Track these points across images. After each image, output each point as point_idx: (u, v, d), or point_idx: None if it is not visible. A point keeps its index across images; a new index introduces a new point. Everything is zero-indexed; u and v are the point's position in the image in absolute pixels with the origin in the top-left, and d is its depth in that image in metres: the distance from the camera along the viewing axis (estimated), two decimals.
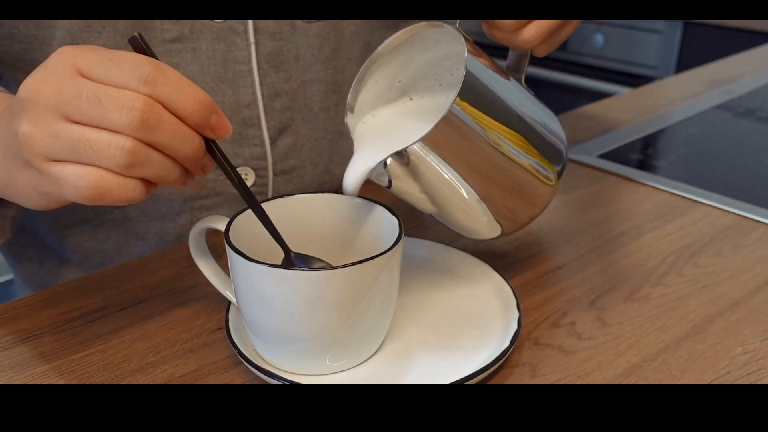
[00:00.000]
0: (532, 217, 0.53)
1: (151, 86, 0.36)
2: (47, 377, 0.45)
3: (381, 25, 0.67)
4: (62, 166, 0.37)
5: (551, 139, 0.51)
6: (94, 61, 0.37)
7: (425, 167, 0.45)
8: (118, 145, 0.36)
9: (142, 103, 0.36)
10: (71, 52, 0.38)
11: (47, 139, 0.37)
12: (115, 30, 0.56)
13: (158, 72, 0.36)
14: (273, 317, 0.42)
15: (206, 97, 0.38)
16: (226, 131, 0.39)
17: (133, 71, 0.36)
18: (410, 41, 0.48)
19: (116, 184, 0.37)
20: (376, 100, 0.50)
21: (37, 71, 0.38)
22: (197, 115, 0.37)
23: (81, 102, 0.36)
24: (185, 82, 0.37)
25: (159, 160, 0.38)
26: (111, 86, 0.36)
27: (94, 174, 0.37)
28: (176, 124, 0.37)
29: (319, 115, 0.65)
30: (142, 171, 0.38)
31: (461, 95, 0.43)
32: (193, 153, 0.38)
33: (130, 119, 0.36)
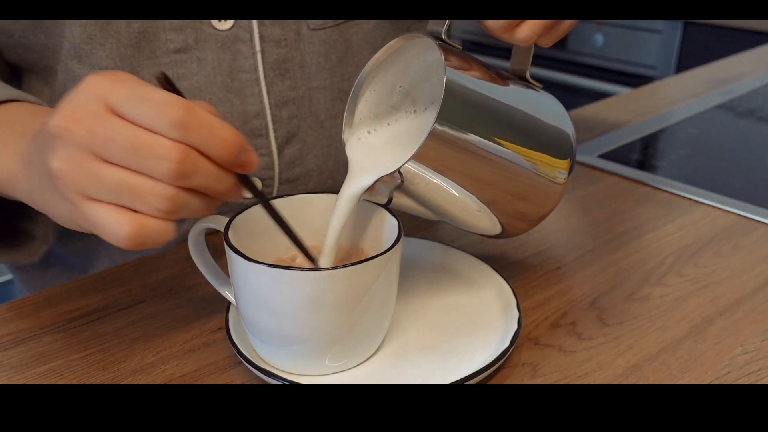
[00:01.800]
0: (542, 216, 0.51)
1: (183, 131, 0.36)
2: (47, 377, 0.45)
3: (391, 29, 0.67)
4: (100, 207, 0.37)
5: (556, 136, 0.49)
6: (125, 98, 0.36)
7: (423, 183, 0.44)
8: (160, 193, 0.36)
9: (178, 153, 0.36)
10: (100, 85, 0.37)
11: (84, 178, 0.37)
12: (118, 42, 0.55)
13: (190, 115, 0.36)
14: (272, 317, 0.42)
15: (236, 138, 0.38)
16: (254, 166, 0.40)
17: (165, 114, 0.36)
18: (402, 49, 0.47)
19: (155, 229, 0.37)
20: (378, 106, 0.49)
21: (66, 105, 0.37)
22: (229, 158, 0.38)
23: (116, 147, 0.36)
24: (216, 124, 0.37)
25: (196, 202, 0.38)
26: (144, 129, 0.36)
27: (135, 222, 0.37)
28: (210, 168, 0.37)
29: (325, 123, 0.65)
30: (180, 214, 0.38)
31: (443, 110, 0.42)
32: (226, 191, 0.39)
33: (167, 170, 0.36)
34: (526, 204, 0.49)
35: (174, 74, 0.58)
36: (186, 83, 0.58)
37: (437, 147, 0.43)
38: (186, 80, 0.58)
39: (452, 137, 0.43)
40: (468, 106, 0.44)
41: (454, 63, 0.44)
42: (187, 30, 0.57)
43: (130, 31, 0.55)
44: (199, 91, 0.58)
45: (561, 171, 0.50)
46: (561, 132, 0.50)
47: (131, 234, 0.37)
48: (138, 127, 0.36)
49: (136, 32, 0.56)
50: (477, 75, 0.45)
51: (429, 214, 0.48)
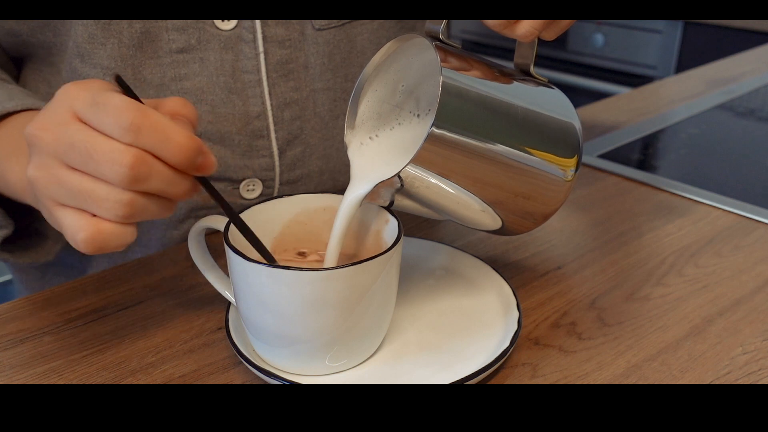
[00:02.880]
0: (548, 215, 0.51)
1: (135, 134, 0.36)
2: (47, 377, 0.45)
3: (396, 30, 0.67)
4: (65, 211, 0.38)
5: (562, 132, 0.48)
6: (86, 104, 0.37)
7: (425, 186, 0.44)
8: (115, 198, 0.37)
9: (131, 157, 0.36)
10: (70, 93, 0.38)
11: (51, 184, 0.38)
12: (120, 42, 0.55)
13: (142, 119, 0.36)
14: (272, 318, 0.42)
15: (191, 141, 0.38)
16: (211, 168, 0.40)
17: (118, 118, 0.36)
18: (401, 49, 0.47)
19: (112, 233, 0.38)
20: (381, 106, 0.48)
21: (40, 114, 0.39)
22: (184, 162, 0.38)
23: (75, 152, 0.37)
24: (170, 127, 0.37)
25: (154, 206, 0.39)
26: (100, 134, 0.37)
27: (92, 227, 0.38)
28: (165, 172, 0.38)
29: (328, 124, 0.65)
30: (139, 217, 0.38)
31: (440, 114, 0.41)
32: (184, 193, 0.39)
33: (121, 175, 0.36)
34: (532, 203, 0.49)
35: (176, 74, 0.58)
36: (188, 83, 0.58)
37: (437, 150, 0.42)
38: (188, 80, 0.58)
39: (452, 140, 0.42)
40: (467, 106, 0.43)
41: (451, 63, 0.43)
42: (189, 30, 0.57)
43: (132, 31, 0.55)
44: (201, 91, 0.58)
45: (568, 168, 0.48)
46: (567, 126, 0.49)
47: (87, 238, 0.38)
48: (96, 132, 0.37)
49: (138, 32, 0.55)
50: (476, 74, 0.45)
51: (432, 214, 0.48)
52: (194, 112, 0.40)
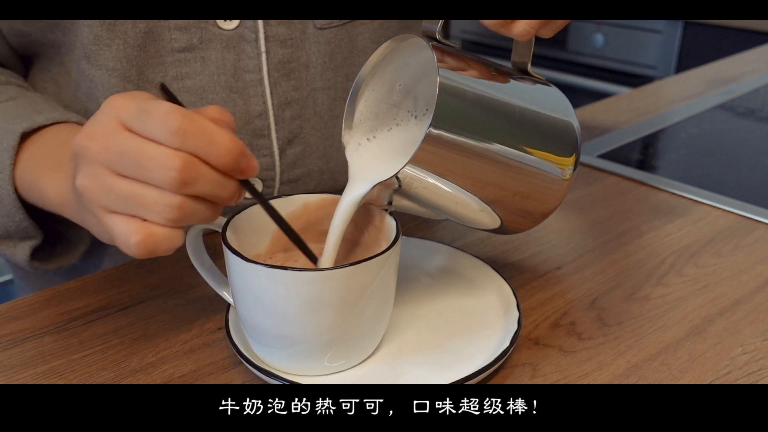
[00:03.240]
0: (547, 213, 0.51)
1: (182, 138, 0.37)
2: (47, 377, 0.45)
3: (396, 29, 0.67)
4: (115, 218, 0.39)
5: (560, 130, 0.48)
6: (133, 113, 0.38)
7: (423, 186, 0.44)
8: (166, 202, 0.38)
9: (179, 161, 0.37)
10: (115, 103, 0.39)
11: (101, 192, 0.39)
12: (124, 42, 0.56)
13: (189, 123, 0.37)
14: (270, 318, 0.42)
15: (236, 144, 0.39)
16: (255, 171, 0.41)
17: (165, 123, 0.37)
18: (399, 48, 0.46)
19: (163, 237, 0.39)
20: (378, 106, 0.48)
21: (87, 125, 0.40)
22: (229, 164, 0.39)
23: (125, 160, 0.38)
24: (215, 131, 0.38)
25: (203, 209, 0.39)
26: (148, 141, 0.38)
27: (143, 231, 0.38)
28: (212, 175, 0.39)
29: (328, 123, 0.65)
30: (187, 221, 0.39)
31: (437, 114, 0.41)
32: (230, 196, 0.40)
33: (170, 178, 0.37)
34: (530, 202, 0.49)
35: (178, 73, 0.58)
36: (190, 82, 0.58)
37: (435, 150, 0.42)
38: (190, 79, 0.58)
39: (449, 140, 0.42)
40: (464, 106, 0.43)
41: (448, 62, 0.43)
42: (191, 29, 0.57)
43: (136, 32, 0.55)
44: (203, 90, 0.59)
45: (566, 166, 0.49)
46: (565, 125, 0.49)
47: (139, 242, 0.38)
48: (144, 139, 0.38)
49: (141, 32, 0.56)
50: (473, 73, 0.45)
51: (431, 213, 0.48)
52: (231, 118, 0.41)
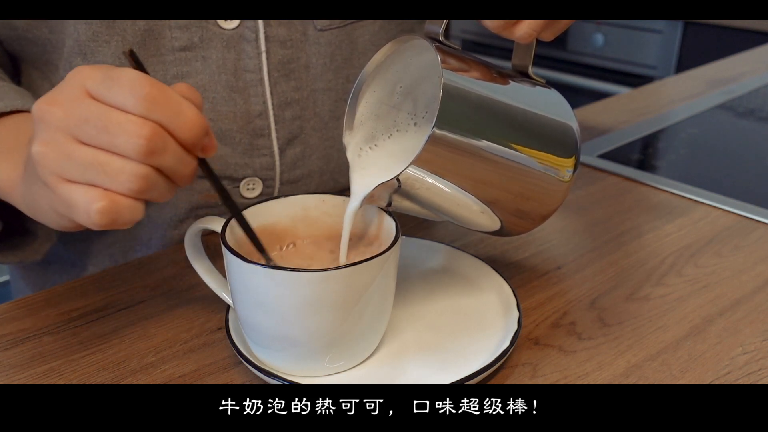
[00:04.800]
0: (546, 215, 0.51)
1: (150, 105, 0.36)
2: (47, 377, 0.45)
3: (396, 31, 0.67)
4: (74, 187, 0.38)
5: (560, 133, 0.48)
6: (99, 80, 0.37)
7: (425, 188, 0.44)
8: (131, 171, 0.37)
9: (148, 130, 0.36)
10: (81, 72, 0.38)
11: (60, 158, 0.38)
12: (123, 39, 0.55)
13: (157, 91, 0.37)
14: (270, 319, 0.42)
15: (202, 119, 0.38)
16: (213, 150, 0.40)
17: (133, 90, 0.36)
18: (400, 50, 0.46)
19: (126, 207, 0.38)
20: (379, 107, 0.48)
21: (50, 92, 0.39)
22: (194, 138, 0.38)
23: (89, 127, 0.37)
24: (183, 103, 0.38)
25: (162, 184, 0.39)
26: (115, 108, 0.37)
27: (106, 198, 0.37)
28: (177, 148, 0.38)
29: (329, 124, 0.65)
30: (148, 194, 0.38)
31: (441, 115, 0.41)
32: (190, 174, 0.39)
33: (137, 146, 0.36)
34: (530, 203, 0.49)
35: (178, 72, 0.58)
36: (190, 81, 0.58)
37: (437, 151, 0.42)
38: (190, 78, 0.58)
39: (452, 141, 0.42)
40: (467, 108, 0.43)
41: (451, 64, 0.43)
42: (192, 28, 0.57)
43: (135, 29, 0.55)
44: (204, 89, 0.59)
45: (566, 168, 0.49)
46: (565, 128, 0.49)
47: (102, 208, 0.37)
48: (110, 107, 0.37)
49: (141, 30, 0.56)
50: (475, 75, 0.45)
51: (430, 215, 0.48)
52: (200, 97, 0.40)
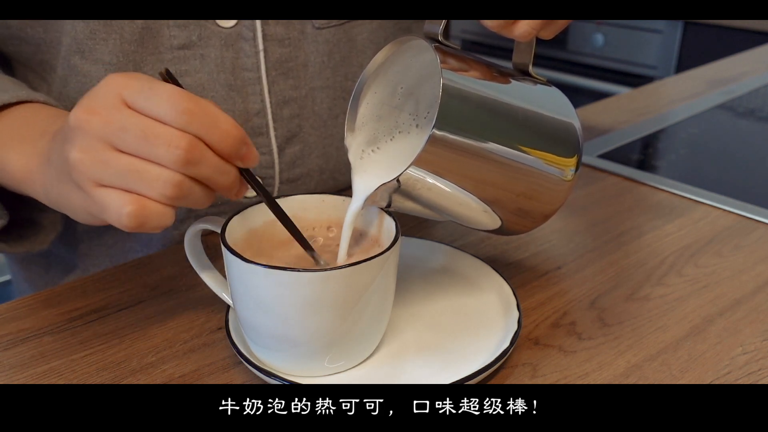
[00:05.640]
0: (548, 215, 0.51)
1: (188, 119, 0.38)
2: (47, 377, 0.45)
3: (395, 29, 0.67)
4: (108, 191, 0.39)
5: (562, 132, 0.48)
6: (137, 91, 0.38)
7: (426, 188, 0.44)
8: (166, 179, 0.38)
9: (186, 142, 0.38)
10: (117, 81, 0.39)
11: (97, 165, 0.39)
12: (121, 37, 0.55)
13: (195, 105, 0.38)
14: (270, 319, 0.42)
15: (239, 131, 0.40)
16: (255, 161, 0.41)
17: (172, 103, 0.38)
18: (400, 50, 0.46)
19: (156, 212, 0.39)
20: (380, 108, 0.48)
21: (85, 99, 0.40)
22: (231, 149, 0.39)
23: (128, 135, 0.38)
24: (220, 115, 0.39)
25: (199, 192, 0.40)
26: (153, 119, 0.38)
27: (137, 203, 0.39)
28: (215, 159, 0.39)
29: (327, 123, 0.65)
30: (183, 201, 0.40)
31: (441, 115, 0.41)
32: (229, 183, 0.41)
33: (175, 157, 0.38)
34: (532, 203, 0.49)
35: (177, 71, 0.58)
36: (189, 80, 0.58)
37: (438, 151, 0.42)
38: (189, 77, 0.58)
39: (452, 141, 0.42)
40: (467, 108, 0.43)
41: (451, 64, 0.43)
42: (190, 27, 0.57)
43: (133, 27, 0.55)
44: (202, 88, 0.59)
45: (568, 167, 0.48)
46: (567, 126, 0.49)
47: (132, 212, 0.39)
48: (148, 117, 0.38)
49: (139, 28, 0.56)
50: (475, 74, 0.45)
51: (431, 214, 0.48)
52: None
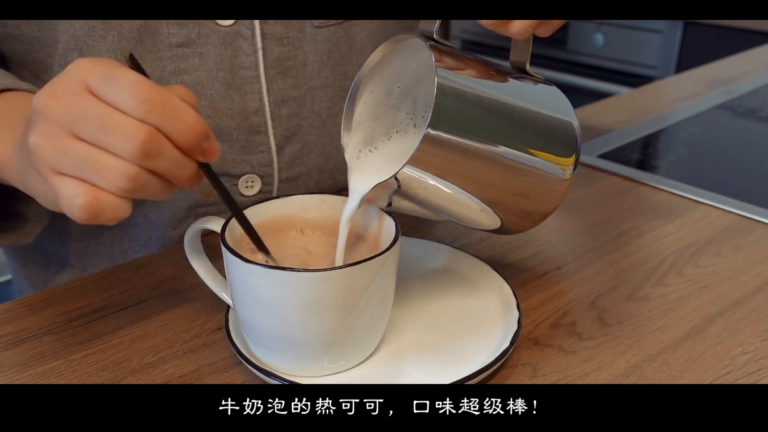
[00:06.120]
0: (547, 214, 0.50)
1: (148, 109, 0.37)
2: (47, 377, 0.45)
3: (395, 29, 0.67)
4: (64, 179, 0.38)
5: (560, 130, 0.48)
6: (100, 77, 0.37)
7: (422, 188, 0.44)
8: (121, 171, 0.37)
9: (144, 133, 0.37)
10: (82, 66, 0.38)
11: (54, 152, 0.38)
12: (120, 35, 0.55)
13: (156, 95, 0.37)
14: (270, 319, 0.42)
15: (201, 124, 0.38)
16: (215, 155, 0.40)
17: (133, 92, 0.37)
18: (396, 49, 0.46)
19: (110, 204, 0.38)
20: (377, 108, 0.48)
21: (50, 84, 0.39)
22: (192, 143, 0.38)
23: (87, 123, 0.37)
24: (182, 107, 0.38)
25: (156, 184, 0.39)
26: (114, 108, 0.37)
27: (90, 194, 0.38)
28: (174, 152, 0.38)
29: (327, 122, 0.65)
30: (138, 194, 0.39)
31: (435, 114, 0.41)
32: (188, 178, 0.40)
33: (132, 148, 0.37)
34: (531, 202, 0.48)
35: (175, 69, 0.58)
36: (187, 78, 0.58)
37: (433, 151, 0.42)
38: (187, 75, 0.58)
39: (448, 141, 0.42)
40: (463, 107, 0.43)
41: (446, 62, 0.43)
42: (189, 25, 0.57)
43: (132, 25, 0.55)
44: (201, 86, 0.59)
45: (566, 166, 0.48)
46: (565, 124, 0.48)
47: (84, 204, 0.38)
48: (110, 106, 0.37)
49: (138, 26, 0.56)
50: (472, 73, 0.44)
51: (430, 214, 0.48)
52: (197, 100, 0.41)
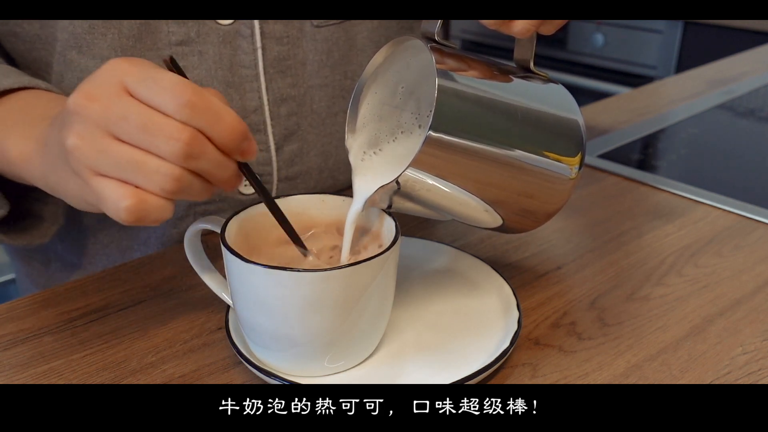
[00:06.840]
0: (551, 213, 0.50)
1: (191, 112, 0.37)
2: (47, 377, 0.45)
3: (396, 28, 0.67)
4: (106, 181, 0.38)
5: (565, 128, 0.47)
6: (139, 79, 0.37)
7: (425, 189, 0.43)
8: (166, 172, 0.37)
9: (187, 135, 0.37)
10: (119, 67, 0.38)
11: (94, 153, 0.38)
12: (119, 32, 0.56)
13: (198, 98, 0.37)
14: (270, 319, 0.42)
15: (241, 125, 0.39)
16: (254, 155, 0.41)
17: (175, 95, 0.37)
18: (399, 50, 0.46)
19: (155, 206, 0.38)
20: (381, 108, 0.48)
21: (86, 84, 0.39)
22: (232, 143, 0.39)
23: (128, 125, 0.37)
24: (223, 109, 0.38)
25: (198, 185, 0.39)
26: (155, 110, 0.37)
27: (136, 196, 0.38)
28: (215, 153, 0.39)
29: (326, 121, 0.65)
30: (181, 195, 0.39)
31: (437, 116, 0.41)
32: (228, 178, 0.40)
33: (176, 149, 0.37)
34: (535, 202, 0.48)
35: None
36: (188, 76, 0.58)
37: (436, 153, 0.42)
38: (188, 73, 0.58)
39: (450, 142, 0.42)
40: (465, 107, 0.43)
41: (448, 64, 0.43)
42: (189, 23, 0.57)
43: (132, 23, 0.56)
44: (200, 84, 0.58)
45: (572, 165, 0.48)
46: (570, 123, 0.48)
47: (131, 206, 0.38)
48: (150, 108, 0.37)
49: (138, 24, 0.56)
50: (474, 73, 0.44)
51: (433, 214, 0.48)
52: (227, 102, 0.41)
